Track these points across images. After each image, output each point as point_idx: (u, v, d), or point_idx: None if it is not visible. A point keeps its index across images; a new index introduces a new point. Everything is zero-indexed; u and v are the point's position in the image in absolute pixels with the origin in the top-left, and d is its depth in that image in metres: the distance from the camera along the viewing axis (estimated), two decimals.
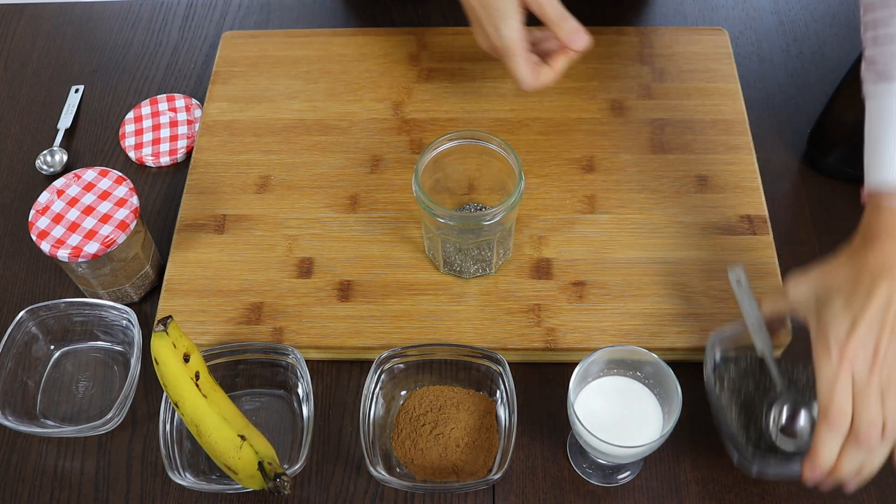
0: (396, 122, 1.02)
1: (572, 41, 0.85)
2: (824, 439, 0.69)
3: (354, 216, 0.94)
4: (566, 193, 0.95)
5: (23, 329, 0.86)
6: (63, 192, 0.87)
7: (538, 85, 0.87)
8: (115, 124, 1.07)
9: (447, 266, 0.90)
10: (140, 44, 1.14)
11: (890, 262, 0.69)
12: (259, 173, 0.98)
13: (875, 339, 0.69)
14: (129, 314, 0.86)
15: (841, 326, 0.70)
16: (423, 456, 0.81)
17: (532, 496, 0.81)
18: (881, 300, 0.69)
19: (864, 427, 0.68)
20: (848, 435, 0.69)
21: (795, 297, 0.75)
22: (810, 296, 0.73)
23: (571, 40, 0.85)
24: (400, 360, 0.84)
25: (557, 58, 0.88)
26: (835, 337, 0.69)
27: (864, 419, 0.68)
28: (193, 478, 0.79)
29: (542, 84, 0.88)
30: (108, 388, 0.87)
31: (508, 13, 0.85)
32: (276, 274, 0.91)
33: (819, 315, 0.72)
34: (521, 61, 0.86)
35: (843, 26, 1.12)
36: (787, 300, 0.76)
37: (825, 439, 0.69)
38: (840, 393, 0.69)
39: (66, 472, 0.84)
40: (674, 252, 0.91)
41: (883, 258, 0.70)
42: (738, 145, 0.98)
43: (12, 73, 1.13)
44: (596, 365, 0.77)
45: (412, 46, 1.08)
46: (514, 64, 0.86)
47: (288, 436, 0.84)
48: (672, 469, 0.82)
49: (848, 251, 0.73)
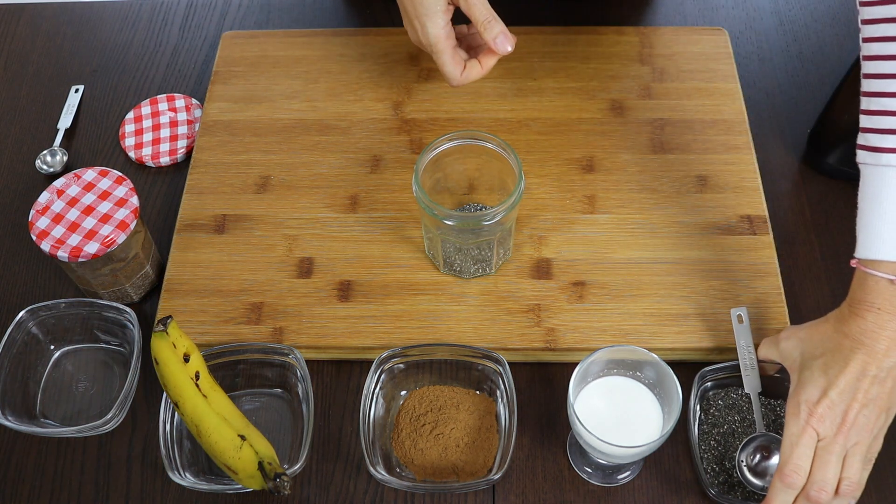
0: (396, 122, 1.02)
1: (497, 45, 0.87)
2: (777, 492, 0.73)
3: (354, 216, 0.94)
4: (566, 193, 0.95)
5: (23, 329, 0.86)
6: (63, 192, 0.87)
7: (464, 81, 0.90)
8: (115, 124, 1.07)
9: (447, 266, 0.90)
10: (140, 44, 1.15)
11: (869, 333, 0.71)
12: (259, 173, 0.98)
13: (845, 407, 0.72)
14: (129, 314, 0.86)
15: (815, 390, 0.73)
16: (423, 456, 0.81)
17: (532, 496, 0.81)
18: (856, 370, 0.72)
19: (815, 486, 0.72)
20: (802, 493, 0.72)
21: (784, 350, 0.78)
22: (797, 353, 0.77)
23: (496, 44, 0.87)
24: (400, 360, 0.84)
25: (487, 56, 0.90)
26: (806, 399, 0.73)
27: (818, 479, 0.72)
28: (193, 478, 0.79)
29: (468, 80, 0.90)
30: (108, 388, 0.87)
31: (435, 10, 0.86)
32: (276, 274, 0.91)
33: (800, 374, 0.75)
34: (447, 58, 0.88)
35: (843, 26, 1.12)
36: (778, 352, 0.79)
37: (777, 492, 0.73)
38: (800, 452, 0.72)
39: (66, 472, 0.84)
40: (674, 252, 0.91)
41: (864, 328, 0.72)
42: (738, 145, 0.98)
43: (12, 73, 1.13)
44: (596, 365, 0.77)
45: (412, 46, 1.08)
46: (440, 61, 0.88)
47: (288, 436, 0.84)
48: (672, 469, 0.82)
49: (835, 315, 0.75)
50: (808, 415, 0.72)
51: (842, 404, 0.72)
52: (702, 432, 0.82)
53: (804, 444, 0.72)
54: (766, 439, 0.80)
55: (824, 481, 0.72)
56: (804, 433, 0.72)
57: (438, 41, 0.87)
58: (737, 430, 0.82)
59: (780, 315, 0.86)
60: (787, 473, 0.72)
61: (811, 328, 0.77)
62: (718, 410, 0.83)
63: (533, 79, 1.04)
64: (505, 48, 0.87)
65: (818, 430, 0.72)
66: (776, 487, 0.73)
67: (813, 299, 0.91)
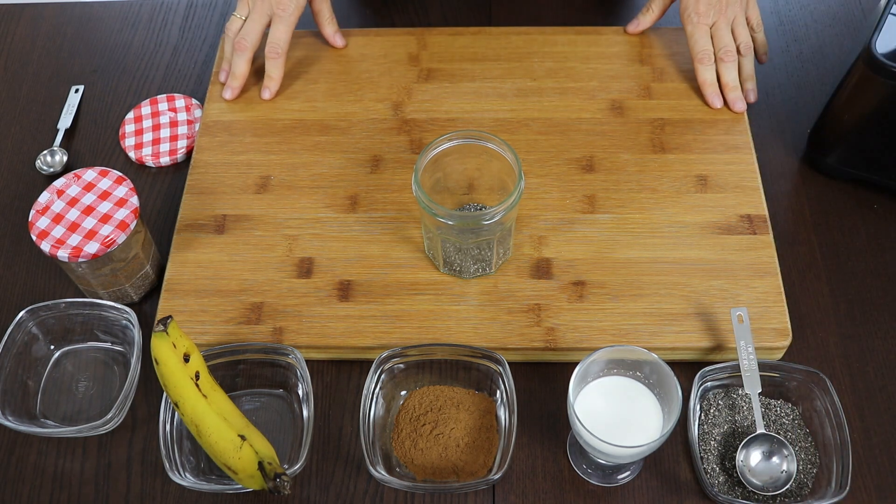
0: (396, 122, 1.02)
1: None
2: (703, 73, 1.01)
3: (354, 216, 0.94)
4: (566, 193, 0.95)
5: (23, 329, 0.86)
6: (63, 192, 0.87)
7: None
8: (115, 124, 1.07)
9: (447, 266, 0.90)
10: (140, 44, 1.15)
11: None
12: (259, 173, 0.98)
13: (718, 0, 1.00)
14: (129, 314, 0.86)
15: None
16: (423, 456, 0.81)
17: (532, 496, 0.81)
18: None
19: (721, 52, 1.00)
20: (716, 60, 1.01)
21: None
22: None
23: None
24: (400, 360, 0.84)
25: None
26: (691, 5, 1.01)
27: (721, 46, 1.01)
28: (193, 478, 0.79)
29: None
30: (108, 388, 0.87)
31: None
32: (276, 274, 0.91)
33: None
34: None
35: (843, 26, 1.12)
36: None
37: (703, 72, 1.01)
38: (702, 41, 1.01)
39: (66, 472, 0.84)
40: (674, 252, 0.91)
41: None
42: (738, 145, 0.98)
43: (12, 73, 1.13)
44: (596, 365, 0.77)
45: (412, 46, 1.08)
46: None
47: (288, 436, 0.84)
48: (672, 469, 0.82)
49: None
50: (696, 15, 1.00)
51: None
52: (702, 432, 0.82)
53: (701, 33, 1.01)
54: (766, 439, 0.80)
55: (726, 46, 1.01)
56: (698, 28, 1.01)
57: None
58: (737, 430, 0.82)
59: (780, 315, 0.86)
60: (701, 57, 1.01)
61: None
62: (718, 410, 0.83)
63: (533, 79, 1.04)
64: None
65: (706, 22, 1.01)
66: (699, 69, 1.01)
67: (813, 299, 0.91)
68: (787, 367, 0.83)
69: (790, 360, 0.86)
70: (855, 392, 0.85)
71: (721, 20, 1.00)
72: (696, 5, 1.00)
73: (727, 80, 1.01)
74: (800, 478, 0.80)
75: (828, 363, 0.87)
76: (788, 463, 0.79)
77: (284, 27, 1.02)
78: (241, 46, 1.03)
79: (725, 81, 1.01)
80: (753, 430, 0.80)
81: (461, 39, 1.08)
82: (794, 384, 0.83)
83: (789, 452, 0.79)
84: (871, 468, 0.81)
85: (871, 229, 0.95)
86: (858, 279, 0.92)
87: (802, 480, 0.80)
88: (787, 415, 0.83)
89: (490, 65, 1.05)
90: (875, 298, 0.91)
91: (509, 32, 1.08)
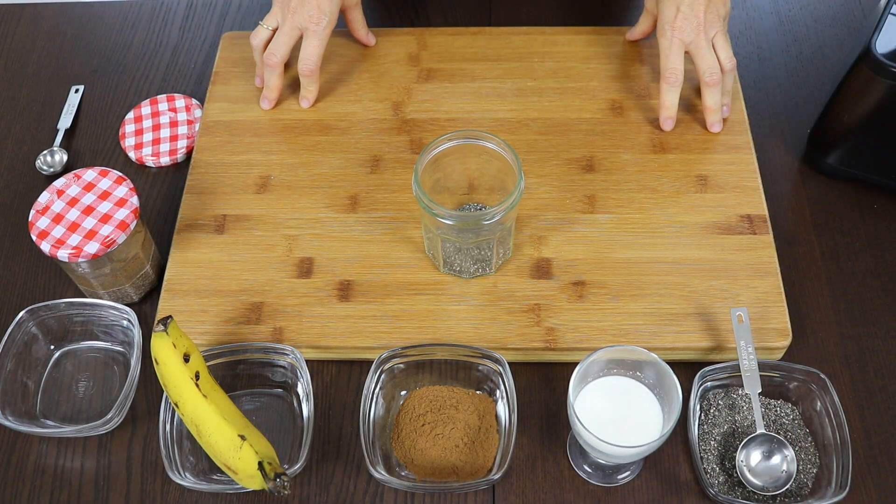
0: (396, 122, 1.02)
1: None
2: (665, 92, 0.96)
3: (354, 216, 0.94)
4: (566, 193, 0.95)
5: (23, 329, 0.86)
6: (63, 192, 0.87)
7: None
8: (115, 124, 1.07)
9: (447, 266, 0.90)
10: (140, 44, 1.15)
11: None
12: (259, 173, 0.98)
13: (696, 12, 0.94)
14: (129, 314, 0.86)
15: (670, 9, 0.95)
16: (423, 456, 0.81)
17: (532, 496, 0.81)
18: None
19: (706, 74, 0.95)
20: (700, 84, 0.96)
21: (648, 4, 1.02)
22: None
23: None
24: (400, 360, 0.84)
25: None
26: (666, 18, 0.95)
27: (705, 68, 0.95)
28: (193, 478, 0.79)
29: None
30: (108, 388, 0.87)
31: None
32: (275, 274, 0.91)
33: (658, 9, 0.96)
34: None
35: (843, 26, 1.12)
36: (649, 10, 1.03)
37: (666, 92, 0.96)
38: (673, 58, 0.95)
39: (66, 472, 0.84)
40: (674, 252, 0.91)
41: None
42: (738, 145, 0.98)
43: (12, 73, 1.13)
44: (596, 365, 0.77)
45: (412, 46, 1.08)
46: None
47: (288, 436, 0.84)
48: (672, 469, 0.82)
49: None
50: (671, 29, 0.95)
51: (692, 11, 0.94)
52: (702, 432, 0.82)
53: (674, 52, 0.95)
54: (766, 439, 0.80)
55: (711, 67, 0.95)
56: (672, 45, 0.95)
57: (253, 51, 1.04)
58: (737, 430, 0.82)
59: (780, 315, 0.86)
60: (668, 76, 0.96)
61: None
62: (718, 410, 0.83)
63: (533, 79, 1.04)
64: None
65: (682, 38, 0.95)
66: (664, 89, 0.96)
67: (813, 299, 0.91)
68: (787, 367, 0.83)
69: (790, 360, 0.86)
70: (855, 392, 0.85)
71: (700, 38, 0.94)
72: (674, 20, 0.94)
73: (710, 104, 0.96)
74: (800, 478, 0.80)
75: (828, 363, 0.87)
76: (788, 463, 0.79)
77: (318, 42, 0.99)
78: (272, 63, 1.00)
79: (709, 105, 0.96)
80: (753, 430, 0.80)
81: (461, 39, 1.08)
82: (794, 384, 0.83)
83: (789, 452, 0.79)
84: (871, 468, 0.81)
85: (871, 229, 0.95)
86: (858, 279, 0.92)
87: (802, 480, 0.80)
88: (787, 415, 0.83)
89: (490, 65, 1.05)
90: (875, 298, 0.91)
91: (509, 32, 1.08)
